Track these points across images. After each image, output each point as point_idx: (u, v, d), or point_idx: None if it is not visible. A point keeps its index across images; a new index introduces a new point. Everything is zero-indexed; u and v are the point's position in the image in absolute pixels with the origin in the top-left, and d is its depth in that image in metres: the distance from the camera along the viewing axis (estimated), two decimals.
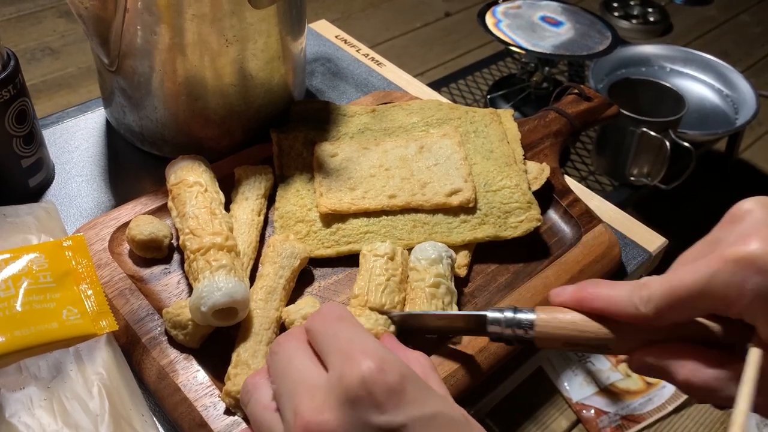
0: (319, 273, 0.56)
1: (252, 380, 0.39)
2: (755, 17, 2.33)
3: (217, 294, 0.46)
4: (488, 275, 0.57)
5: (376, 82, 0.81)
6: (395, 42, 2.08)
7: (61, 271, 0.48)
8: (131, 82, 0.61)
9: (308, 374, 0.35)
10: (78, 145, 0.68)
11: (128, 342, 0.49)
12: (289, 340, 0.38)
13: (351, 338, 0.35)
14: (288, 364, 0.36)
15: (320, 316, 0.37)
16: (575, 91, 0.73)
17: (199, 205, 0.52)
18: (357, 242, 0.56)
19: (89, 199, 0.62)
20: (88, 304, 0.47)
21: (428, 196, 0.58)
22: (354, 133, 0.66)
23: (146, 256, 0.55)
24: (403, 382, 0.32)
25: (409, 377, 0.33)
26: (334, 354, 0.34)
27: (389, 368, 0.32)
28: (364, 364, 0.32)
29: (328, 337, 0.36)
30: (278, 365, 0.37)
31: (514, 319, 0.42)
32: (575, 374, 1.19)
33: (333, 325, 0.36)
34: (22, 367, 0.43)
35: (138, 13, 0.56)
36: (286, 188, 0.60)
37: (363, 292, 0.50)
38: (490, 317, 0.43)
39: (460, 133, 0.64)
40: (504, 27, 1.21)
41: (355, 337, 0.35)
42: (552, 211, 0.62)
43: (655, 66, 1.57)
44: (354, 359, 0.33)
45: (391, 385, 0.32)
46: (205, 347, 0.49)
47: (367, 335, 0.36)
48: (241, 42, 0.59)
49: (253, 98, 0.64)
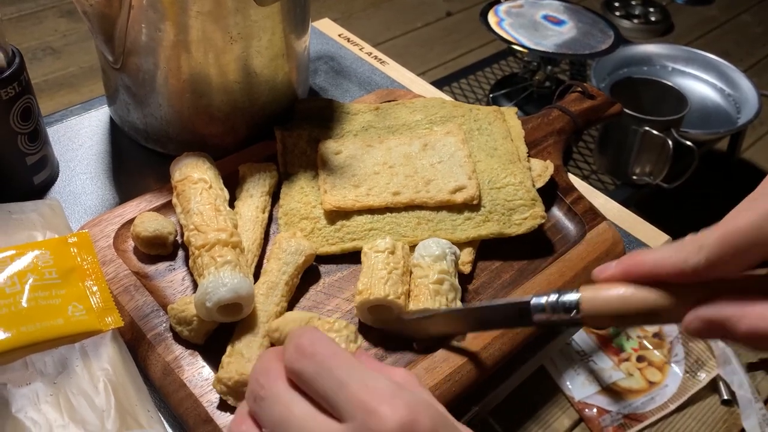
0: (324, 269, 0.56)
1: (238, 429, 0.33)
2: (756, 17, 2.33)
3: (222, 290, 0.46)
4: (492, 272, 0.57)
5: (379, 80, 0.81)
6: (396, 42, 2.08)
7: (67, 267, 0.48)
8: (136, 80, 0.61)
9: (318, 427, 0.30)
10: (82, 142, 0.68)
11: (133, 338, 0.49)
12: (274, 383, 0.32)
13: (361, 382, 0.30)
14: (288, 413, 0.31)
15: (307, 355, 0.32)
16: (578, 89, 0.73)
17: (203, 201, 0.52)
18: (361, 239, 0.56)
19: (93, 197, 0.62)
20: (94, 301, 0.47)
21: (432, 193, 0.58)
22: (358, 130, 0.66)
23: (151, 252, 0.55)
24: (436, 427, 0.29)
25: (438, 419, 0.30)
26: (346, 404, 0.30)
27: (420, 415, 0.29)
28: (392, 417, 0.28)
29: (328, 382, 0.31)
30: (274, 415, 0.31)
31: (558, 302, 0.39)
32: (577, 373, 1.19)
33: (327, 364, 0.31)
34: (28, 363, 0.43)
35: (143, 10, 0.56)
36: (291, 186, 0.60)
37: (366, 287, 0.50)
38: (534, 304, 0.41)
39: (463, 131, 0.64)
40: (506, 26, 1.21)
41: (365, 379, 0.30)
42: (556, 208, 0.63)
43: (657, 65, 1.57)
44: (378, 412, 0.28)
45: None
46: (210, 343, 0.49)
47: (373, 374, 0.31)
48: (245, 39, 0.59)
49: (257, 96, 0.64)
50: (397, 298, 0.49)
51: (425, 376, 0.47)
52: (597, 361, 1.21)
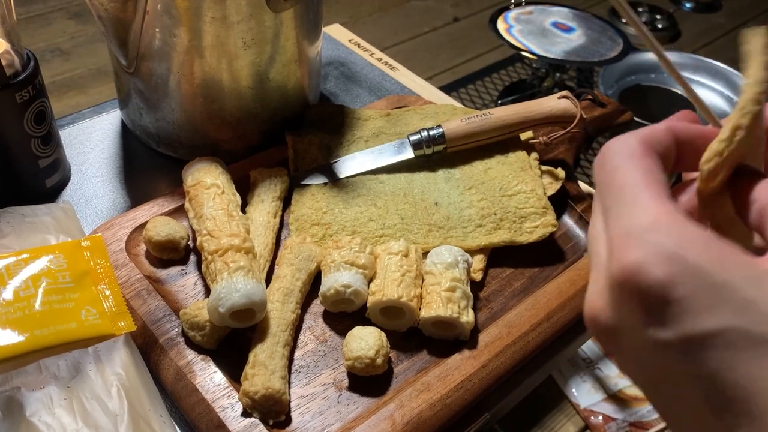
0: None
1: None
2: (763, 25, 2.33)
3: (235, 295, 0.46)
4: (503, 280, 0.57)
5: (389, 86, 0.81)
6: (403, 46, 2.08)
7: (80, 271, 0.48)
8: (149, 84, 0.61)
9: None
10: (94, 146, 0.68)
11: (146, 342, 0.49)
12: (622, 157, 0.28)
13: (619, 210, 0.26)
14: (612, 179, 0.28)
15: (598, 161, 0.29)
16: (589, 97, 0.73)
17: (216, 206, 0.53)
18: (372, 245, 0.56)
19: (105, 200, 0.63)
20: (107, 305, 0.47)
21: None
22: (369, 136, 0.66)
23: (163, 257, 0.55)
24: (671, 278, 0.23)
25: (677, 271, 0.24)
26: (606, 227, 0.27)
27: (654, 264, 0.24)
28: (623, 259, 0.24)
29: (603, 199, 0.28)
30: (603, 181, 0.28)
31: None
32: (583, 380, 1.18)
33: (606, 180, 0.28)
34: (42, 367, 0.43)
35: (158, 15, 0.56)
36: (302, 192, 0.60)
37: (379, 289, 0.50)
38: None
39: None
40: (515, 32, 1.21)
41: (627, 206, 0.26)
42: (567, 216, 0.62)
43: (664, 73, 1.57)
44: (616, 249, 0.25)
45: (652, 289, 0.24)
46: (222, 348, 0.49)
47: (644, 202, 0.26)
48: (258, 45, 0.59)
49: (269, 101, 0.64)
50: (410, 300, 0.50)
51: (437, 384, 0.47)
52: (603, 369, 1.20)
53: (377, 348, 0.47)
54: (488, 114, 0.62)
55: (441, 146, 0.62)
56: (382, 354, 0.47)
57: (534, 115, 0.62)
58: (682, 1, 2.36)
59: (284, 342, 0.48)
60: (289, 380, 0.48)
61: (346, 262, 0.51)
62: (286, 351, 0.47)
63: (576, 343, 0.55)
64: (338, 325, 0.52)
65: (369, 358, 0.46)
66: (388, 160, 0.62)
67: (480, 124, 0.62)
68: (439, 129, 0.62)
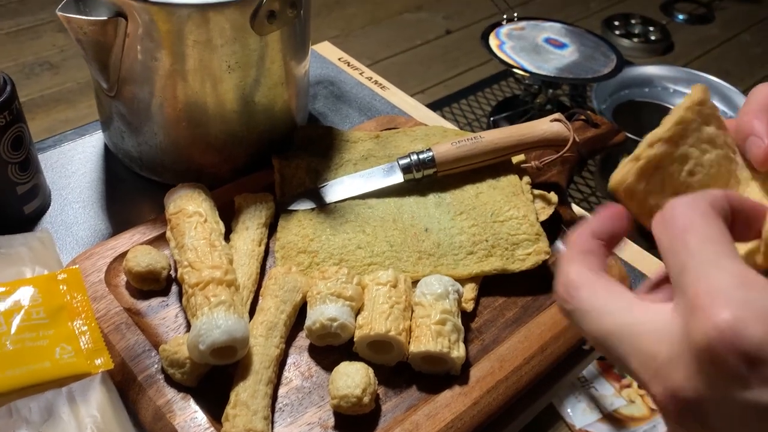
0: None
1: None
2: (755, 37, 2.33)
3: (216, 332, 0.44)
4: (496, 309, 0.55)
5: (379, 105, 0.79)
6: (396, 59, 2.07)
7: (55, 306, 0.47)
8: (130, 108, 0.60)
9: None
10: (75, 169, 0.66)
11: (124, 380, 0.47)
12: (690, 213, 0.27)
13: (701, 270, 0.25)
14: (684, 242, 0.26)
15: (664, 220, 0.27)
16: (582, 117, 0.72)
17: (198, 236, 0.51)
18: (360, 274, 0.55)
19: (86, 227, 0.61)
20: (83, 341, 0.46)
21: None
22: (357, 159, 0.64)
23: (144, 288, 0.53)
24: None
25: None
26: (680, 289, 0.25)
27: (749, 321, 0.22)
28: (713, 319, 0.23)
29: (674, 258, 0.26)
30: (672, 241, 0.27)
31: None
32: (578, 400, 1.17)
33: (679, 239, 0.26)
34: (13, 410, 0.41)
35: (138, 38, 0.54)
36: (288, 218, 0.58)
37: (367, 322, 0.48)
38: None
39: None
40: (507, 49, 1.20)
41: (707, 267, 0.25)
42: (560, 242, 0.61)
43: (658, 87, 1.57)
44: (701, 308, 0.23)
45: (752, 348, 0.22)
46: (203, 385, 0.47)
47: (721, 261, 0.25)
48: (243, 68, 0.58)
49: (256, 124, 0.62)
50: (399, 334, 0.48)
51: (426, 423, 0.45)
52: (598, 388, 1.19)
53: (364, 386, 0.45)
54: (479, 137, 0.61)
55: (431, 170, 0.60)
56: (369, 392, 0.45)
57: (526, 138, 0.61)
58: (674, 12, 2.36)
59: (267, 379, 0.46)
60: (273, 419, 0.46)
61: (333, 294, 0.50)
62: (269, 389, 0.46)
63: (571, 374, 0.54)
64: (324, 359, 0.50)
65: (356, 396, 0.44)
66: (378, 184, 0.61)
67: (471, 147, 0.60)
68: (429, 153, 0.60)
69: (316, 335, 0.49)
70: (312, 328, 0.49)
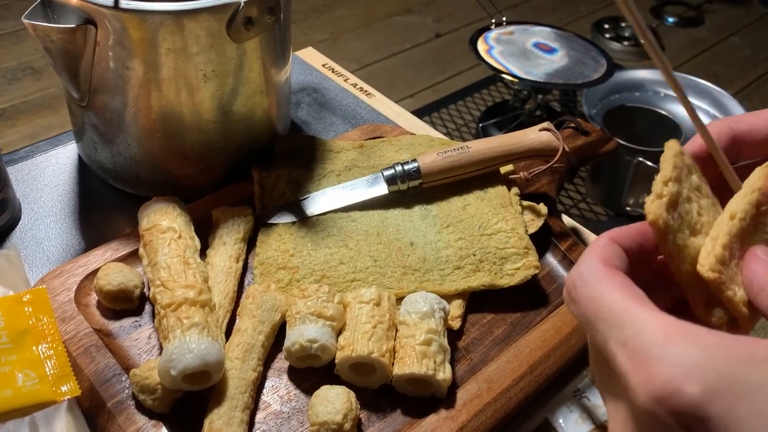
0: None
1: None
2: (745, 39, 2.33)
3: (188, 357, 0.42)
4: (484, 327, 0.53)
5: (364, 113, 0.77)
6: (385, 63, 2.05)
7: (19, 329, 0.44)
8: (103, 118, 0.57)
9: None
10: (48, 182, 0.64)
11: (92, 406, 0.44)
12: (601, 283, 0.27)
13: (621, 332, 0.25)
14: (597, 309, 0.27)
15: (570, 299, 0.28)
16: (571, 125, 0.70)
17: (171, 253, 0.49)
18: (343, 291, 0.52)
19: (57, 242, 0.58)
20: (48, 367, 0.43)
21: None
22: (341, 170, 0.62)
23: (115, 307, 0.51)
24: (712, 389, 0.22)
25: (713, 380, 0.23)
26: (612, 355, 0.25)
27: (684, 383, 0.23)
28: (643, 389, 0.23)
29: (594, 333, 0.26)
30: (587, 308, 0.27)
31: None
32: (570, 410, 1.15)
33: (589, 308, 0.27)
34: None
35: (109, 46, 0.52)
36: (268, 232, 0.56)
37: (348, 343, 0.46)
38: None
39: None
40: (496, 54, 1.18)
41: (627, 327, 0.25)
42: (550, 255, 0.59)
43: (649, 91, 1.55)
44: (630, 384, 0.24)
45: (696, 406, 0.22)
46: (176, 412, 0.45)
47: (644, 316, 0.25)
48: (220, 77, 0.55)
49: (234, 134, 0.60)
50: (382, 356, 0.46)
51: None
52: (591, 398, 1.17)
53: (345, 411, 0.43)
54: (466, 147, 0.59)
55: (416, 181, 0.58)
56: (351, 418, 0.43)
57: (514, 148, 0.59)
58: (664, 15, 2.35)
59: (243, 405, 0.44)
60: None
61: (313, 314, 0.47)
62: (245, 415, 0.43)
63: (563, 393, 0.52)
64: (304, 382, 0.48)
65: (336, 423, 0.42)
66: (361, 196, 0.59)
67: (457, 158, 0.58)
68: (415, 164, 0.58)
69: (296, 357, 0.47)
70: (291, 349, 0.47)
